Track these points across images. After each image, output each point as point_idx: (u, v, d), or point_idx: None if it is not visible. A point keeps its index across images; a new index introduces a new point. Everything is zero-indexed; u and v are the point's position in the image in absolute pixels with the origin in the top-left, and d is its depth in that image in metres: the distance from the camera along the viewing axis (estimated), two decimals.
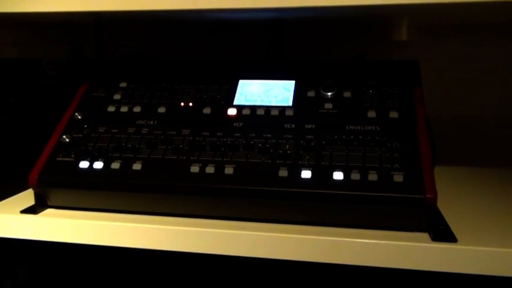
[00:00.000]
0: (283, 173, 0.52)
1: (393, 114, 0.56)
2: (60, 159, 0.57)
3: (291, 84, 0.62)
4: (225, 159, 0.54)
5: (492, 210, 0.59)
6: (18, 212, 0.57)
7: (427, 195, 0.48)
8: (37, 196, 0.58)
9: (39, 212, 0.58)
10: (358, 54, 0.79)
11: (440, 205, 0.59)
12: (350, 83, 0.60)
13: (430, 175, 0.50)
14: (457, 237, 0.49)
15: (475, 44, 0.83)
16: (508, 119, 0.84)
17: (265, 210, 0.53)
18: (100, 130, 0.60)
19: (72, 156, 0.57)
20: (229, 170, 0.53)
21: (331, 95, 0.59)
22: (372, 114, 0.56)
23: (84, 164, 0.56)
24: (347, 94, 0.59)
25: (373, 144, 0.53)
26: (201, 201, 0.53)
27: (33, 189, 0.57)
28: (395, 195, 0.49)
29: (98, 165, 0.56)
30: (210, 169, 0.53)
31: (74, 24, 0.82)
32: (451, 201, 0.61)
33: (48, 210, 0.59)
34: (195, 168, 0.54)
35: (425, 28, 0.85)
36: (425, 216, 0.49)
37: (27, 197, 0.62)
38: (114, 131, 0.59)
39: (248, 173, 0.53)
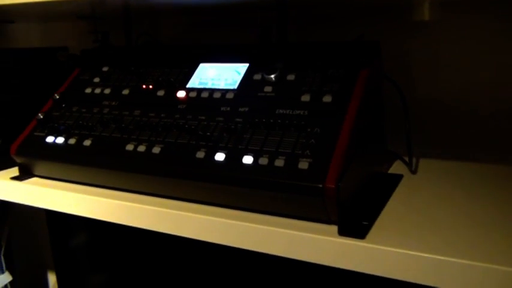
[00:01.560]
0: (200, 154, 0.53)
1: (327, 99, 0.53)
2: (36, 134, 0.65)
3: (244, 67, 0.61)
4: (158, 139, 0.57)
5: (447, 212, 0.52)
6: (9, 178, 0.67)
7: (326, 185, 0.45)
8: (20, 166, 0.67)
9: (24, 180, 0.67)
10: (358, 36, 0.74)
11: (394, 200, 0.54)
12: (299, 65, 0.58)
13: (338, 164, 0.46)
14: (377, 234, 0.45)
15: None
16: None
17: (185, 190, 0.54)
18: (73, 109, 0.66)
19: (45, 131, 0.65)
20: (156, 149, 0.55)
21: (274, 77, 0.57)
22: (305, 98, 0.54)
23: (50, 139, 0.63)
24: (291, 77, 0.57)
25: (293, 129, 0.51)
26: (133, 177, 0.57)
27: (15, 159, 0.66)
28: (295, 183, 0.46)
29: (60, 140, 0.62)
30: (141, 148, 0.56)
31: (97, 15, 0.91)
32: (409, 197, 0.55)
33: (34, 179, 0.67)
34: (130, 147, 0.57)
35: (442, 6, 0.76)
36: (331, 208, 0.46)
37: None
38: (83, 110, 0.66)
39: (172, 153, 0.54)
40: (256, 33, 0.82)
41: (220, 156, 0.51)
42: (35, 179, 0.67)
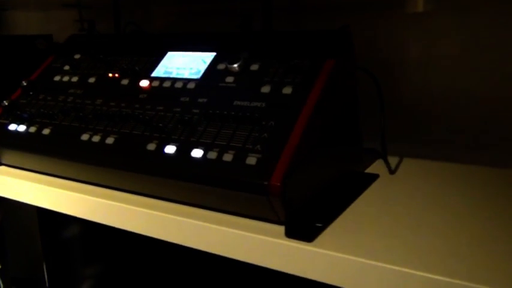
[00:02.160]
0: (151, 146, 0.50)
1: (286, 90, 0.49)
2: (0, 121, 0.64)
3: (210, 56, 0.58)
4: (113, 129, 0.54)
5: (412, 217, 0.48)
6: None
7: (271, 183, 0.41)
8: None
9: None
10: (341, 27, 0.70)
11: (361, 201, 0.50)
12: (265, 55, 0.54)
13: (287, 160, 0.42)
14: (328, 238, 0.42)
15: None
16: None
17: (138, 183, 0.52)
18: (40, 97, 0.65)
19: (9, 119, 0.63)
20: (110, 140, 0.53)
21: (237, 67, 0.54)
22: (265, 89, 0.50)
23: (12, 127, 0.61)
24: (254, 67, 0.53)
25: (248, 123, 0.47)
26: (87, 168, 0.55)
27: None
28: (240, 179, 0.43)
29: (21, 128, 0.61)
30: (96, 138, 0.54)
31: (82, 4, 0.89)
32: (377, 199, 0.52)
33: (2, 168, 0.66)
34: (85, 136, 0.55)
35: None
36: (278, 207, 0.43)
37: None
38: (49, 98, 0.64)
39: (126, 144, 0.52)
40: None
41: (170, 149, 0.49)
42: (1, 168, 0.66)
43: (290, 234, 0.42)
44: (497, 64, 0.67)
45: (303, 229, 0.43)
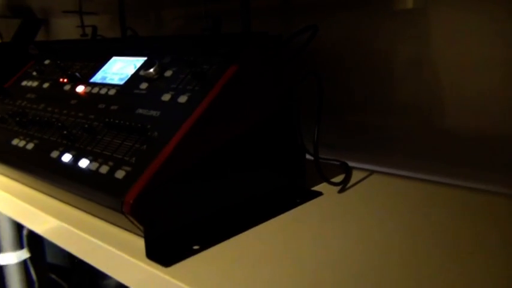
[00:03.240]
0: (55, 154, 0.49)
1: (182, 99, 0.45)
2: None
3: (140, 61, 0.56)
4: (37, 134, 0.55)
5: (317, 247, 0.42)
6: None
7: (126, 199, 0.38)
8: None
9: None
10: (307, 27, 0.64)
11: (274, 223, 0.45)
12: (181, 60, 0.51)
13: (149, 177, 0.39)
14: (194, 264, 0.38)
15: None
16: None
17: (43, 186, 0.52)
18: (5, 101, 0.68)
19: None
20: (30, 145, 0.54)
21: (152, 74, 0.51)
22: (166, 97, 0.47)
23: None
24: (168, 73, 0.51)
25: (136, 133, 0.45)
26: (14, 171, 0.56)
27: None
28: (106, 193, 0.41)
29: None
30: (22, 143, 0.55)
31: (82, 10, 0.92)
32: (294, 222, 0.46)
33: None
34: (16, 141, 0.56)
35: None
36: (138, 225, 0.40)
37: None
38: (10, 102, 0.67)
39: (39, 150, 0.52)
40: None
41: (66, 157, 0.48)
42: None
43: (150, 255, 0.39)
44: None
45: (166, 252, 0.39)
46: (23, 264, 1.14)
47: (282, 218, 0.48)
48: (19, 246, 1.12)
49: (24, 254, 1.17)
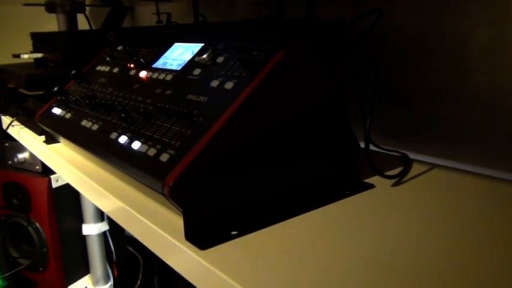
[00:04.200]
0: (113, 135, 0.53)
1: (228, 85, 0.46)
2: (52, 105, 0.74)
3: (198, 47, 0.57)
4: (102, 116, 0.59)
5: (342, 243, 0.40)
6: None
7: (166, 182, 0.40)
8: (43, 132, 0.77)
9: (50, 144, 0.77)
10: (371, 10, 0.62)
11: (317, 214, 0.45)
12: (234, 46, 0.51)
13: (189, 161, 0.40)
14: (230, 249, 0.39)
15: None
16: None
17: (106, 166, 0.55)
18: (82, 85, 0.73)
19: (55, 104, 0.73)
20: (95, 126, 0.57)
21: (205, 60, 0.52)
22: (214, 83, 0.48)
23: (56, 110, 0.71)
24: (220, 59, 0.51)
25: (184, 118, 0.46)
26: (82, 150, 0.60)
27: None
28: (151, 175, 0.42)
29: (59, 112, 0.70)
30: (88, 124, 0.59)
31: None
32: (337, 214, 0.45)
33: (58, 145, 0.77)
34: (84, 122, 0.61)
35: None
36: (177, 206, 0.41)
37: None
38: (85, 86, 0.72)
39: (102, 131, 0.56)
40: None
41: (123, 139, 0.50)
42: (58, 145, 0.77)
43: (188, 237, 0.40)
44: None
45: (200, 235, 0.40)
46: (103, 235, 1.24)
47: (326, 209, 0.46)
48: (100, 218, 1.22)
49: (104, 226, 1.27)
